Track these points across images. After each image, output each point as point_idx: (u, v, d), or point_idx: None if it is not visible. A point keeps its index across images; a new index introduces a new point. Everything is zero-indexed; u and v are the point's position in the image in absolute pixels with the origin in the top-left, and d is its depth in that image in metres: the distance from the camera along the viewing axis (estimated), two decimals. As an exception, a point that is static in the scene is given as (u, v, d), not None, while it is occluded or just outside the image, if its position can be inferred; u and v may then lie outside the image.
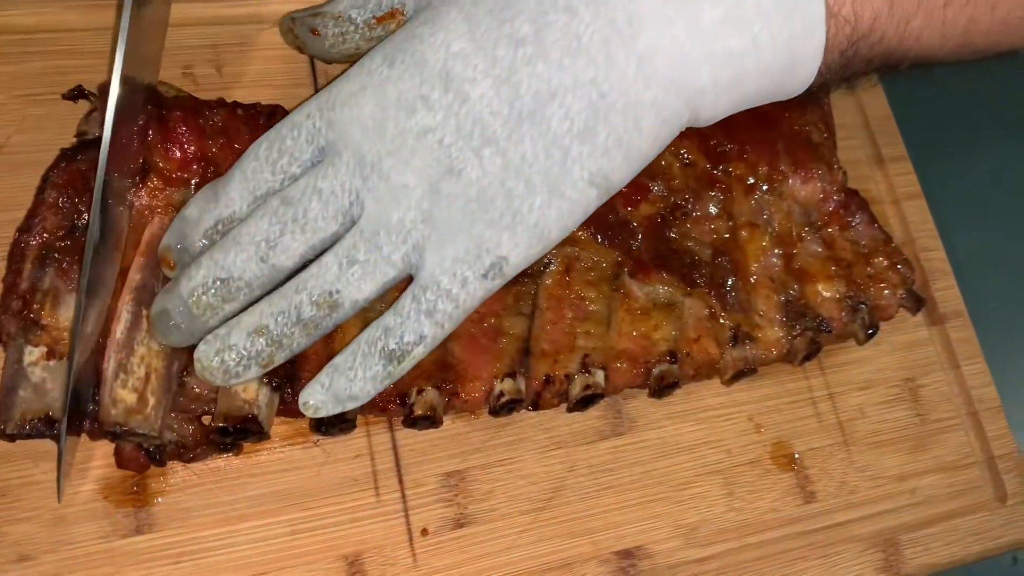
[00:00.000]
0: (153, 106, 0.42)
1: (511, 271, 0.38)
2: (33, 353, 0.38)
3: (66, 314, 0.39)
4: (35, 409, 0.38)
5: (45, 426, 0.38)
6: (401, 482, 0.44)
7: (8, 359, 0.38)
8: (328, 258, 0.37)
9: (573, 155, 0.36)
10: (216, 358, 0.37)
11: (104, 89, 0.38)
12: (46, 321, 0.39)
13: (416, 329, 0.37)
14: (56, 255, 0.39)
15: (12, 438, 0.38)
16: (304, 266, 0.38)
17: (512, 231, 0.36)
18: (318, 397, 0.38)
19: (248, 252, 0.36)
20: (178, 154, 0.41)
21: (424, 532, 0.43)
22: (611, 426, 0.47)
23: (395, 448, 0.44)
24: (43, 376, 0.38)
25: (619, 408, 0.47)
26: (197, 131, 0.42)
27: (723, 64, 0.36)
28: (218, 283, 0.37)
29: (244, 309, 0.38)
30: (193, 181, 0.41)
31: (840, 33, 0.38)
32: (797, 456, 0.50)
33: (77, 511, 0.40)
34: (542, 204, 0.36)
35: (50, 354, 0.38)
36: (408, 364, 0.38)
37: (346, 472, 0.43)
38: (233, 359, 0.37)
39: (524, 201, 0.36)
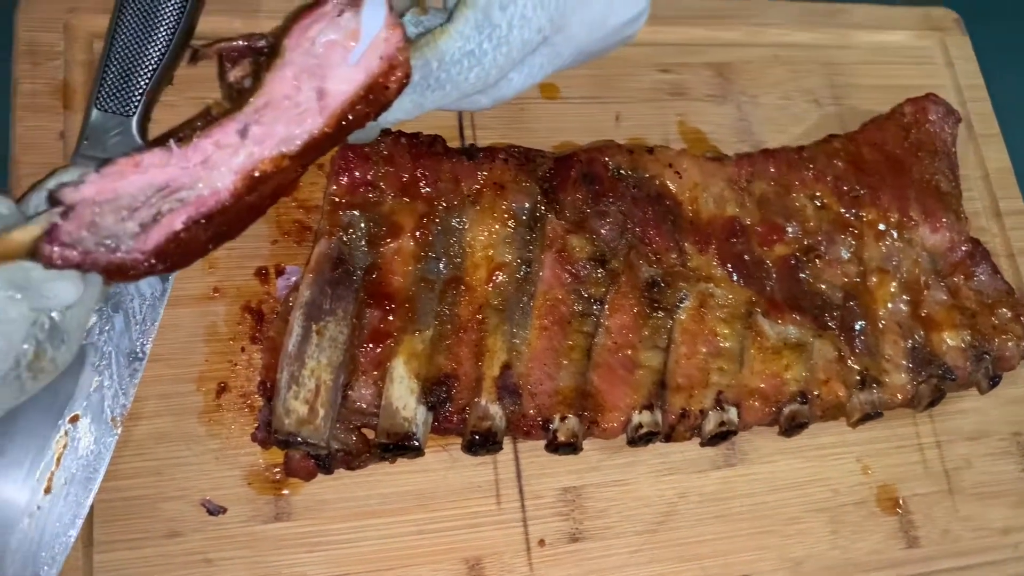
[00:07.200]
0: None
1: None
2: None
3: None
4: None
5: None
6: (521, 492, 0.45)
7: None
8: None
9: None
10: None
11: None
12: None
13: None
14: None
15: None
16: None
17: None
18: None
19: None
20: (346, 180, 0.44)
21: (541, 543, 0.45)
22: (724, 457, 0.48)
23: (517, 459, 0.46)
24: None
25: (732, 440, 0.48)
26: (364, 158, 0.44)
27: None
28: None
29: None
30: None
31: None
32: (902, 500, 0.50)
33: (224, 495, 0.42)
34: None
35: None
36: None
37: (470, 478, 0.45)
38: None
39: None
